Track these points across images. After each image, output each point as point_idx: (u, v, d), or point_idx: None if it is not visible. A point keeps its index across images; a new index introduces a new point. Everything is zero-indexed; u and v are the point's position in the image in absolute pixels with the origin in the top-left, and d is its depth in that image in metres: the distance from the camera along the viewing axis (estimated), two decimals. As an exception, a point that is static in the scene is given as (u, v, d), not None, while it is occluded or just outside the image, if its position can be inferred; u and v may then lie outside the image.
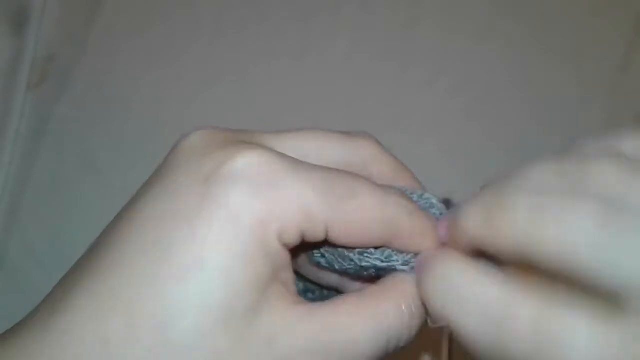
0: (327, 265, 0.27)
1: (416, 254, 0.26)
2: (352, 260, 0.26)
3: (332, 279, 0.29)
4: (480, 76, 0.48)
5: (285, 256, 0.23)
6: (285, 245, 0.23)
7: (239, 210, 0.22)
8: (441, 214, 0.27)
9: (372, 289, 0.25)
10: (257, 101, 0.48)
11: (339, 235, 0.24)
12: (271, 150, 0.24)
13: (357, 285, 0.28)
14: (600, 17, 0.49)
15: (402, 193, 0.26)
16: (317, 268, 0.28)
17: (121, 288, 0.22)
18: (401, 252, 0.26)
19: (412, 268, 0.25)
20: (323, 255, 0.27)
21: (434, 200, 0.27)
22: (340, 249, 0.26)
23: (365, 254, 0.26)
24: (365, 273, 0.27)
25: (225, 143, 0.24)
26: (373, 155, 0.28)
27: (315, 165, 0.24)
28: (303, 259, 0.28)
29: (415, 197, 0.27)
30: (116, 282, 0.22)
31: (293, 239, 0.23)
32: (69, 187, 0.46)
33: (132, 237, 0.23)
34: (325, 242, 0.26)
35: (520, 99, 0.47)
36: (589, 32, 0.49)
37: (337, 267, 0.27)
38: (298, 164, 0.24)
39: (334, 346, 0.23)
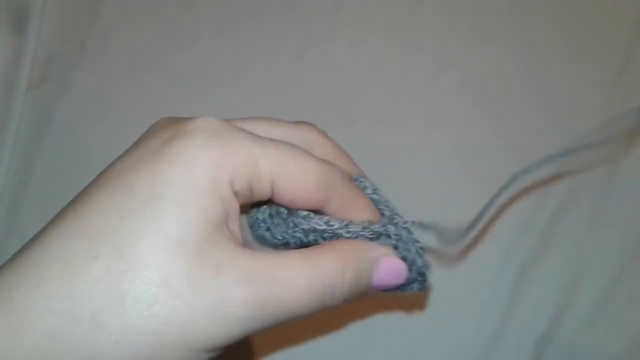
0: (269, 236, 0.30)
1: (351, 221, 0.29)
2: (295, 225, 0.29)
3: None
4: (480, 76, 0.48)
5: (235, 205, 0.26)
6: (235, 193, 0.26)
7: (197, 153, 0.25)
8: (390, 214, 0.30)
9: (316, 247, 0.28)
10: (257, 101, 0.48)
11: (281, 191, 0.27)
12: (227, 120, 0.27)
13: None
14: (600, 17, 0.49)
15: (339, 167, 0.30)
16: (260, 243, 0.31)
17: (88, 219, 0.25)
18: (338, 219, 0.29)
19: (350, 232, 0.29)
20: (266, 224, 0.30)
21: (384, 198, 0.31)
22: (283, 212, 0.29)
23: (307, 217, 0.29)
24: (306, 240, 0.29)
25: (186, 118, 0.28)
26: (316, 138, 0.31)
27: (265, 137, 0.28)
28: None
29: (369, 188, 0.31)
30: (83, 216, 0.25)
31: (242, 187, 0.26)
32: (68, 187, 0.46)
33: (101, 182, 0.26)
34: (270, 205, 0.29)
35: (520, 98, 0.47)
36: (589, 32, 0.49)
37: (278, 236, 0.30)
38: (244, 129, 0.27)
39: (274, 283, 0.25)
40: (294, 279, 0.26)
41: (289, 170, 0.27)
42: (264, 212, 0.30)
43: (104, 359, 0.24)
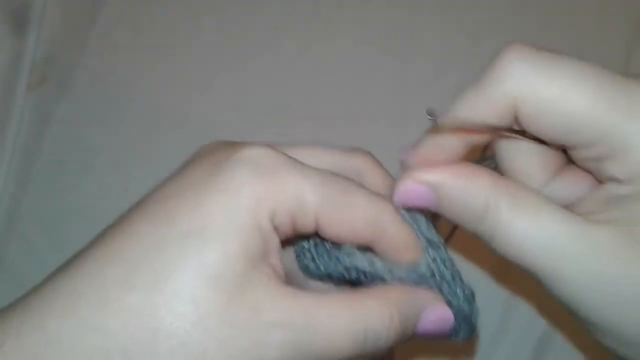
0: (313, 267, 0.29)
1: (398, 266, 0.27)
2: (337, 259, 0.28)
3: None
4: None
5: (275, 239, 0.25)
6: (276, 227, 0.25)
7: (241, 186, 0.24)
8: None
9: (360, 290, 0.27)
10: (257, 101, 0.48)
11: (327, 226, 0.26)
12: (276, 149, 0.26)
13: None
14: (600, 17, 0.49)
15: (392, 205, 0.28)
16: (304, 273, 0.30)
17: (125, 247, 0.24)
18: (384, 261, 0.27)
19: (395, 277, 0.27)
20: (311, 255, 0.29)
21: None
22: (328, 245, 0.28)
23: (350, 254, 0.27)
24: (348, 277, 0.28)
25: (235, 144, 0.27)
26: (367, 168, 0.30)
27: (315, 167, 0.27)
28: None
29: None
30: (120, 245, 0.24)
31: (283, 221, 0.25)
32: (69, 188, 0.46)
33: (141, 210, 0.25)
34: (316, 238, 0.28)
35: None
36: (589, 32, 0.49)
37: (322, 268, 0.28)
38: (299, 161, 0.26)
39: (314, 330, 0.24)
40: (334, 325, 0.24)
41: (336, 206, 0.26)
42: (309, 242, 0.29)
43: None
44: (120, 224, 0.25)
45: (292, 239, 0.28)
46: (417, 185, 0.27)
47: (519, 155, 0.27)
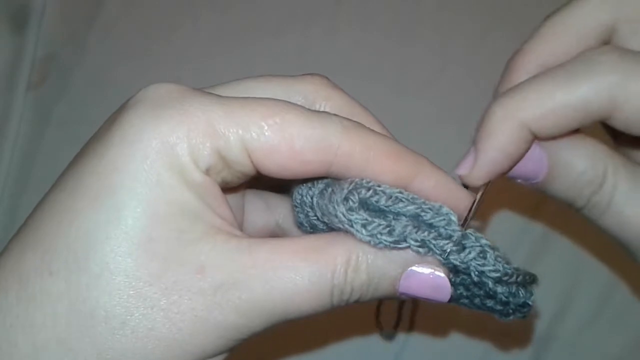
0: (302, 218, 0.25)
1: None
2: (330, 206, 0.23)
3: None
4: (480, 75, 0.48)
5: (212, 186, 0.22)
6: (208, 171, 0.21)
7: (141, 132, 0.21)
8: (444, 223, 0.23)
9: (330, 233, 0.23)
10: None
11: (263, 160, 0.21)
12: (182, 84, 0.22)
13: None
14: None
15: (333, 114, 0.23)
16: (299, 227, 0.26)
17: (38, 227, 0.21)
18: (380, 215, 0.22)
19: (376, 240, 0.22)
20: (300, 200, 0.24)
21: (453, 218, 0.23)
22: (323, 193, 0.23)
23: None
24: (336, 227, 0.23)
25: None
26: (319, 92, 0.25)
27: (232, 96, 0.22)
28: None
29: (429, 213, 0.23)
30: (36, 227, 0.21)
31: (211, 161, 0.21)
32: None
33: (55, 184, 0.22)
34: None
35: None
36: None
37: (311, 217, 0.24)
38: (208, 92, 0.22)
39: (271, 283, 0.21)
40: (293, 278, 0.21)
41: (265, 133, 0.21)
42: (301, 192, 0.25)
43: None
44: (38, 204, 0.22)
45: (278, 188, 0.25)
46: (532, 149, 0.23)
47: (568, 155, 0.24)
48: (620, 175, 0.23)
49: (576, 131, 0.24)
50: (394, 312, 0.39)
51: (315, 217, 0.24)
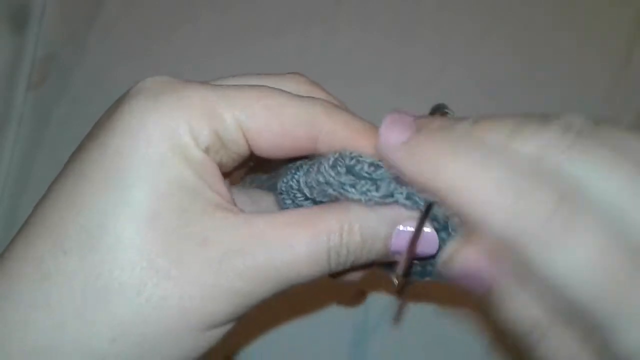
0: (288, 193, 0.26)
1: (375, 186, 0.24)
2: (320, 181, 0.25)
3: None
4: (480, 76, 0.48)
5: (211, 164, 0.23)
6: (206, 151, 0.23)
7: (142, 115, 0.23)
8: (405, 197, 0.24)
9: (322, 205, 0.25)
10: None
11: (257, 138, 0.24)
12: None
13: None
14: (600, 17, 0.49)
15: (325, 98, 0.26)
16: (280, 204, 0.28)
17: (47, 212, 0.23)
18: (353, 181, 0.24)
19: (366, 196, 0.24)
20: (287, 179, 0.26)
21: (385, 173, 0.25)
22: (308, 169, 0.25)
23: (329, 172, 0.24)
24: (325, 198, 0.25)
25: None
26: (301, 87, 0.27)
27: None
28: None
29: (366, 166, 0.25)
30: (45, 211, 0.23)
31: (211, 142, 0.23)
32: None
33: (59, 174, 0.24)
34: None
35: (519, 98, 0.47)
36: (589, 32, 0.49)
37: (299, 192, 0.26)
38: (202, 82, 0.25)
39: (272, 251, 0.23)
40: (292, 246, 0.23)
41: (258, 112, 0.23)
42: (285, 180, 0.26)
43: None
44: (44, 195, 0.24)
45: (240, 166, 0.26)
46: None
47: None
48: None
49: None
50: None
51: (302, 197, 0.26)
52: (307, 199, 0.26)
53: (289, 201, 0.27)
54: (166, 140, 0.22)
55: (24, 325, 0.21)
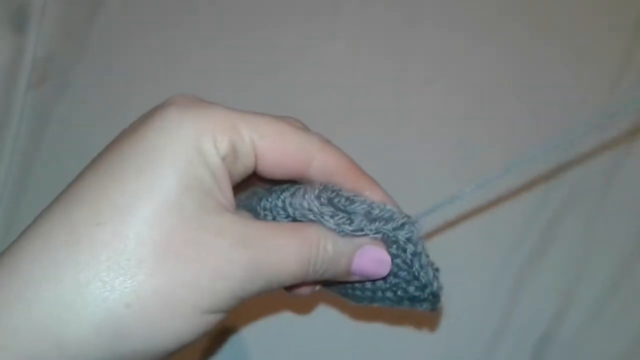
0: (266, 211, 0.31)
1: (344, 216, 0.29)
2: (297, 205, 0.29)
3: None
4: (480, 76, 0.48)
5: (224, 172, 0.27)
6: (223, 159, 0.27)
7: (177, 119, 0.26)
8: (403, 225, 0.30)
9: (300, 222, 0.29)
10: (257, 101, 0.48)
11: (264, 154, 0.28)
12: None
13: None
14: (600, 17, 0.49)
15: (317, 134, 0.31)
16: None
17: (86, 189, 0.26)
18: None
19: (340, 228, 0.29)
20: (266, 198, 0.31)
21: (395, 211, 0.30)
22: (282, 193, 0.30)
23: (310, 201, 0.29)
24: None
25: None
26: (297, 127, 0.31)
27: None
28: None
29: (377, 209, 0.30)
30: (81, 188, 0.26)
31: (227, 151, 0.27)
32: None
33: (94, 160, 0.27)
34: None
35: (520, 99, 0.47)
36: (589, 32, 0.49)
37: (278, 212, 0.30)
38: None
39: (270, 251, 0.27)
40: (285, 246, 0.27)
41: (268, 133, 0.28)
42: (271, 199, 0.31)
43: (116, 322, 0.24)
44: (79, 175, 0.27)
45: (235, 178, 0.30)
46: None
47: None
48: None
49: None
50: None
51: (284, 215, 0.30)
52: (287, 217, 0.30)
53: (270, 217, 0.30)
54: (194, 144, 0.26)
55: (51, 281, 0.24)
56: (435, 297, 0.31)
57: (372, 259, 0.30)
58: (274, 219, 0.30)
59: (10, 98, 0.48)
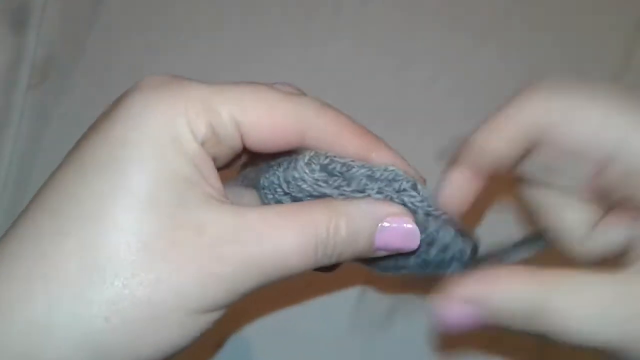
0: (271, 188, 0.28)
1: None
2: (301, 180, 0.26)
3: None
4: (480, 76, 0.48)
5: (206, 158, 0.24)
6: (203, 144, 0.24)
7: (144, 106, 0.24)
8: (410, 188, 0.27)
9: (308, 201, 0.26)
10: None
11: (249, 131, 0.25)
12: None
13: None
14: (600, 17, 0.49)
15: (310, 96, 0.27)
16: (262, 199, 0.29)
17: (49, 196, 0.24)
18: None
19: (338, 191, 0.26)
20: (269, 176, 0.28)
21: (399, 172, 0.27)
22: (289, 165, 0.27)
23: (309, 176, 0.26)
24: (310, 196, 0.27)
25: None
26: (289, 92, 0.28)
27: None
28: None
29: (378, 172, 0.27)
30: (47, 196, 0.24)
31: (206, 135, 0.24)
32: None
33: (63, 162, 0.25)
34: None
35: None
36: (589, 32, 0.49)
37: (281, 190, 0.27)
38: (198, 80, 0.26)
39: (263, 241, 0.24)
40: (282, 237, 0.24)
41: (251, 107, 0.25)
42: (267, 176, 0.28)
43: (97, 338, 0.22)
44: (48, 179, 0.25)
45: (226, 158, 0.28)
46: (461, 307, 0.25)
47: (556, 208, 0.27)
48: (550, 304, 0.24)
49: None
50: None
51: (282, 192, 0.27)
52: (285, 194, 0.27)
53: (270, 196, 0.28)
54: (165, 132, 0.23)
55: (20, 301, 0.22)
56: (461, 254, 0.28)
57: (396, 232, 0.26)
58: (274, 197, 0.28)
59: (10, 98, 0.48)
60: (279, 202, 0.28)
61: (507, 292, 0.25)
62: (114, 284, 0.22)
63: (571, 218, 0.27)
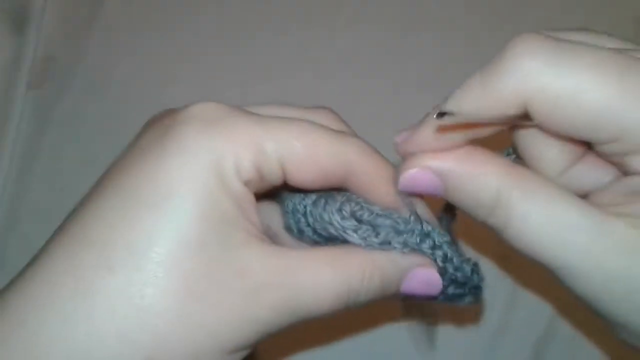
0: (302, 224, 0.28)
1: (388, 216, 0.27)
2: (327, 219, 0.27)
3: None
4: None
5: (248, 196, 0.25)
6: (246, 183, 0.24)
7: (194, 145, 0.23)
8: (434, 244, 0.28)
9: (343, 246, 0.27)
10: (257, 102, 0.48)
11: (293, 171, 0.25)
12: (224, 103, 0.25)
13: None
14: (600, 17, 0.49)
15: (356, 136, 0.28)
16: (289, 232, 0.29)
17: (92, 227, 0.23)
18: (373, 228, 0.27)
19: (366, 242, 0.27)
20: (299, 211, 0.28)
21: (420, 221, 0.28)
22: (317, 202, 0.27)
23: (336, 220, 0.27)
24: (333, 237, 0.27)
25: (179, 108, 0.26)
26: (330, 125, 0.28)
27: (265, 114, 0.26)
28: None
29: (403, 223, 0.27)
30: (88, 225, 0.23)
31: (251, 175, 0.24)
32: (68, 187, 0.46)
33: (101, 187, 0.24)
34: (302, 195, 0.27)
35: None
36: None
37: (310, 227, 0.28)
38: (248, 111, 0.25)
39: (300, 285, 0.24)
40: (319, 282, 0.25)
41: (297, 148, 0.25)
42: (298, 199, 0.28)
43: None
44: (83, 204, 0.24)
45: (269, 194, 0.28)
46: (423, 173, 0.25)
47: (535, 142, 0.25)
48: (513, 197, 0.24)
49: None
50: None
51: (305, 224, 0.28)
52: (307, 225, 0.28)
53: (292, 221, 0.28)
54: (213, 170, 0.23)
55: (62, 338, 0.22)
56: (476, 289, 0.30)
57: (421, 281, 0.27)
58: (296, 225, 0.28)
59: (10, 98, 0.48)
60: (300, 230, 0.29)
61: (472, 174, 0.25)
62: (160, 325, 0.22)
63: (551, 154, 0.26)
